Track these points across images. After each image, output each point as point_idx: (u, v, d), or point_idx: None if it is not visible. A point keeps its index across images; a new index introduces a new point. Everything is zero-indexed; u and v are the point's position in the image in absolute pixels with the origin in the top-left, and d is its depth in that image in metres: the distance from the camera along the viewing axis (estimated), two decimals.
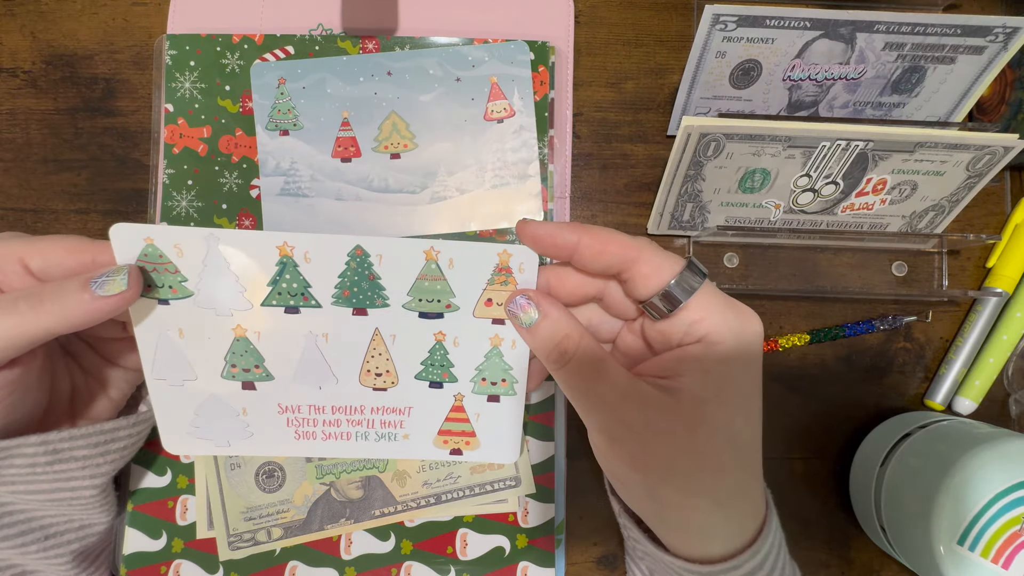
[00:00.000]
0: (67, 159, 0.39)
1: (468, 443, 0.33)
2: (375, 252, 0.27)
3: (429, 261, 0.28)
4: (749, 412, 0.25)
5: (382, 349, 0.30)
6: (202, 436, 0.32)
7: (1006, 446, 0.32)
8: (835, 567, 0.40)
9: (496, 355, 0.30)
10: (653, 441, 0.24)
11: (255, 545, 0.36)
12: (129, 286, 0.26)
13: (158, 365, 0.30)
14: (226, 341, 0.29)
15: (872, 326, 0.40)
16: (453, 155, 0.39)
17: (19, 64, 0.39)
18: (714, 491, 0.24)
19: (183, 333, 0.29)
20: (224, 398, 0.31)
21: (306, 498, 0.37)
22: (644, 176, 0.41)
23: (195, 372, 0.30)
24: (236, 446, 0.32)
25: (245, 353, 0.29)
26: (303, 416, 0.31)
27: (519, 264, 0.28)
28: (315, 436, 0.32)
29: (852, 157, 0.36)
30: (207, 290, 0.28)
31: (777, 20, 0.34)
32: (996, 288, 0.40)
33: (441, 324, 0.29)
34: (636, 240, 0.25)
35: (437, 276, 0.28)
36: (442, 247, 0.27)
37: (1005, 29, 0.34)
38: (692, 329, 0.25)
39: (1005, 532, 0.31)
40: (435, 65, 0.38)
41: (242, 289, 0.28)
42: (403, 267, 0.28)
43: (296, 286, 0.28)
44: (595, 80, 0.41)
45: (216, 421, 0.31)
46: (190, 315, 0.28)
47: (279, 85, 0.38)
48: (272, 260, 0.27)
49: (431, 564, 0.37)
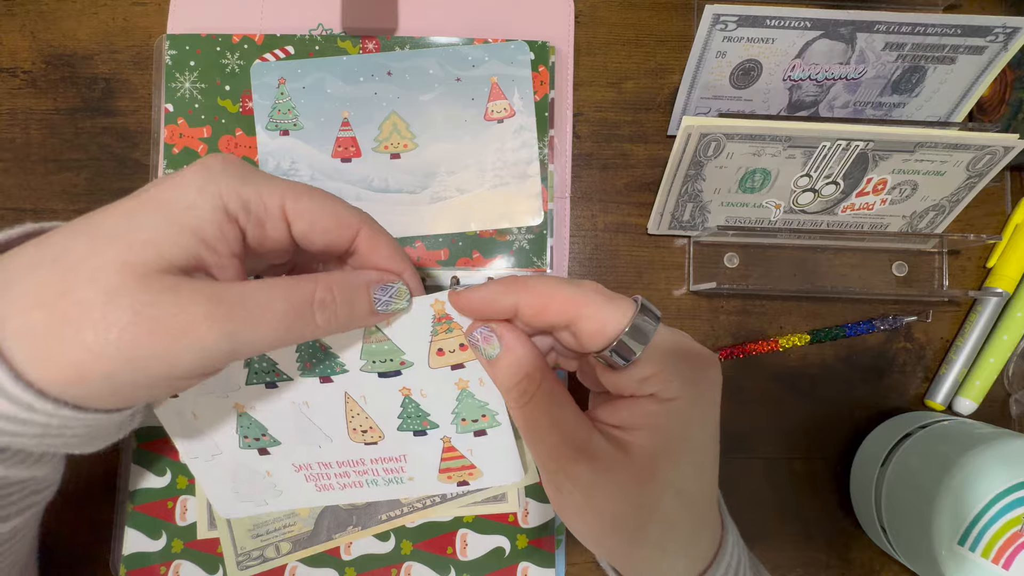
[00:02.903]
0: (67, 159, 0.39)
1: (471, 474, 0.33)
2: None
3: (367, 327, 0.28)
4: (702, 466, 0.24)
5: (358, 410, 0.31)
6: (244, 499, 0.34)
7: (1006, 446, 0.32)
8: (835, 567, 0.40)
9: (467, 396, 0.30)
10: (600, 497, 0.23)
11: (264, 562, 0.36)
12: (409, 307, 0.27)
13: (189, 446, 0.32)
14: (232, 418, 0.31)
15: (872, 326, 0.40)
16: (453, 155, 0.38)
17: (19, 64, 0.39)
18: (661, 544, 0.24)
19: (197, 416, 0.31)
20: (249, 465, 0.33)
21: (311, 509, 0.37)
22: (644, 176, 0.41)
23: (219, 447, 0.32)
24: (272, 504, 0.34)
25: (250, 425, 0.31)
26: (316, 472, 0.33)
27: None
28: (333, 487, 0.34)
29: (852, 157, 0.36)
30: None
31: (777, 20, 0.34)
32: (996, 288, 0.40)
33: (402, 380, 0.29)
34: (580, 291, 0.24)
35: (381, 338, 0.28)
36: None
37: (1005, 29, 0.34)
38: (644, 384, 0.24)
39: (1006, 532, 0.31)
40: (435, 65, 0.38)
41: (227, 374, 0.29)
42: (346, 334, 0.28)
43: (265, 364, 0.29)
44: (595, 80, 0.41)
45: (250, 485, 0.33)
46: (196, 400, 0.30)
47: (279, 85, 0.38)
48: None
49: (431, 564, 0.37)
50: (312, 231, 0.25)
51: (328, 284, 0.25)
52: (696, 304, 0.40)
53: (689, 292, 0.40)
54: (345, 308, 0.25)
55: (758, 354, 0.40)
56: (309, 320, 0.24)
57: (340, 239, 0.26)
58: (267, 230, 0.25)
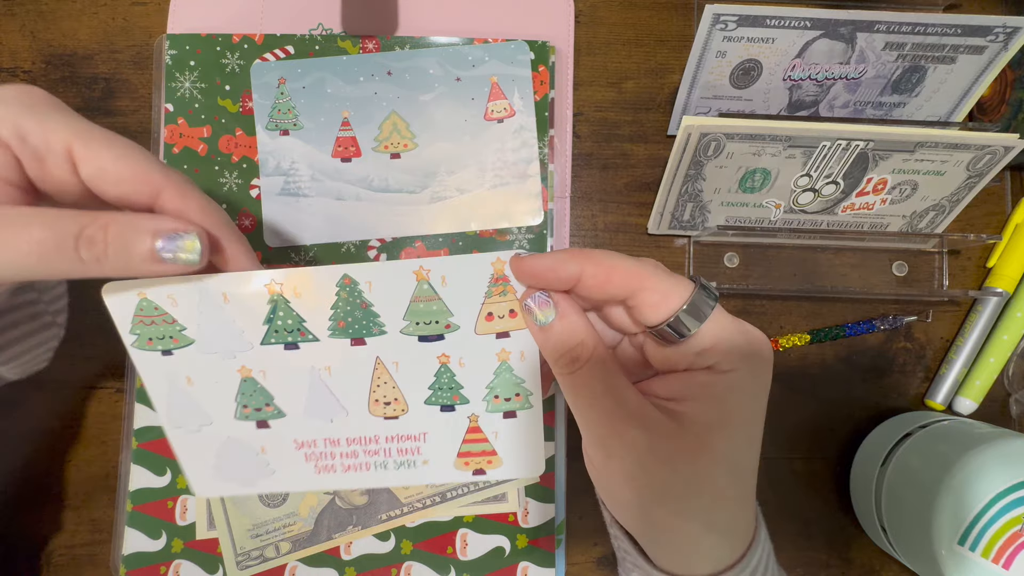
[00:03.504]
0: None
1: (490, 462, 0.31)
2: (363, 279, 0.27)
3: (420, 281, 0.27)
4: (752, 439, 0.25)
5: (387, 378, 0.29)
6: (227, 478, 0.32)
7: (1006, 446, 0.32)
8: (835, 567, 0.40)
9: (506, 370, 0.29)
10: (653, 464, 0.23)
11: (264, 562, 0.36)
12: (201, 261, 0.24)
13: (173, 414, 0.30)
14: (234, 383, 0.29)
15: (872, 326, 0.40)
16: (453, 155, 0.38)
17: (19, 64, 0.39)
18: (709, 517, 0.24)
19: (191, 380, 0.29)
20: (241, 439, 0.30)
21: (311, 509, 0.37)
22: (644, 176, 0.41)
23: (209, 417, 0.30)
24: (260, 484, 0.32)
25: (254, 393, 0.29)
26: (320, 450, 0.31)
27: None
28: (335, 469, 0.32)
29: (852, 157, 0.36)
30: (207, 336, 0.28)
31: (777, 20, 0.34)
32: (996, 288, 0.40)
33: (443, 346, 0.28)
34: (642, 265, 0.24)
35: (431, 296, 0.27)
36: (432, 264, 0.27)
37: (1005, 29, 0.34)
38: (702, 357, 0.24)
39: (1006, 532, 0.31)
40: (435, 65, 0.38)
41: (240, 331, 0.28)
42: (394, 291, 0.27)
43: (291, 322, 0.28)
44: (595, 80, 0.41)
45: (238, 462, 0.31)
46: (194, 362, 0.28)
47: (279, 85, 0.38)
48: (263, 299, 0.27)
49: (431, 564, 0.37)
50: (101, 178, 0.24)
51: (104, 222, 0.23)
52: None
53: None
54: (118, 248, 0.23)
55: None
56: (70, 253, 0.23)
57: (136, 194, 0.24)
58: (48, 167, 0.24)
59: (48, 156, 0.24)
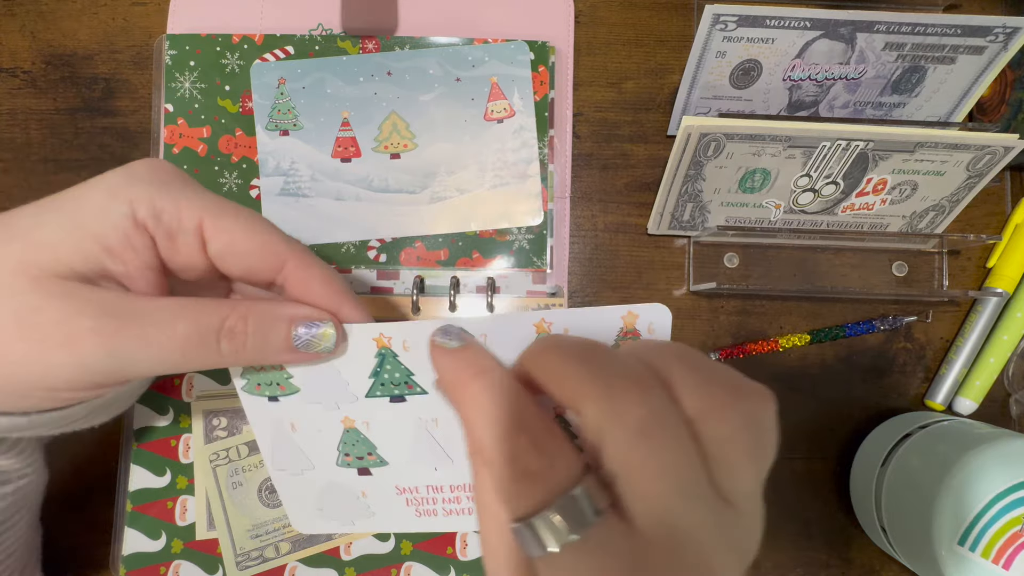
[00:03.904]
0: (67, 159, 0.39)
1: None
2: (479, 332, 0.25)
3: (540, 334, 0.24)
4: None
5: None
6: (327, 517, 0.32)
7: (1006, 446, 0.32)
8: (835, 567, 0.40)
9: None
10: None
11: (263, 562, 0.36)
12: (336, 347, 0.25)
13: (277, 458, 0.30)
14: (337, 432, 0.29)
15: (872, 326, 0.40)
16: (453, 155, 0.39)
17: (19, 64, 0.39)
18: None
19: (295, 427, 0.29)
20: (343, 484, 0.30)
21: None
22: (644, 176, 0.41)
23: (312, 462, 0.30)
24: (359, 524, 0.32)
25: (357, 443, 0.29)
26: (422, 496, 0.31)
27: (647, 325, 0.24)
28: (436, 513, 0.31)
29: (852, 157, 0.36)
30: (312, 386, 0.27)
31: (777, 20, 0.34)
32: (996, 288, 0.40)
33: None
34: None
35: None
36: (555, 317, 0.24)
37: (1005, 29, 0.34)
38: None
39: (1006, 532, 0.31)
40: (435, 65, 0.38)
41: (346, 383, 0.27)
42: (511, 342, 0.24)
43: (398, 375, 0.27)
44: (595, 80, 0.41)
45: (338, 504, 0.31)
46: (299, 410, 0.28)
47: (279, 85, 0.38)
48: (370, 353, 0.26)
49: (431, 564, 0.37)
50: (229, 253, 0.23)
51: (243, 312, 0.23)
52: (696, 304, 0.40)
53: (689, 292, 0.40)
54: (257, 340, 0.23)
55: (758, 354, 0.40)
56: (213, 348, 0.22)
57: (261, 267, 0.24)
58: (178, 244, 0.23)
59: (180, 234, 0.23)
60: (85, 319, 0.21)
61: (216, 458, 0.37)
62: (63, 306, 0.21)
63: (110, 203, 0.22)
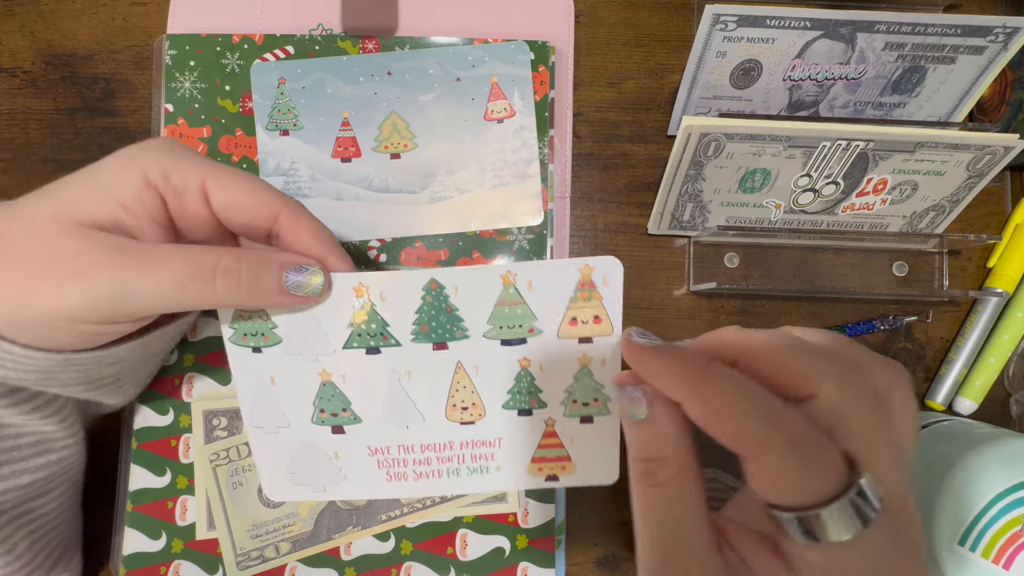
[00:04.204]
0: (67, 159, 0.39)
1: (564, 468, 0.31)
2: (450, 284, 0.27)
3: (507, 286, 0.27)
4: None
5: (466, 382, 0.29)
6: (299, 482, 0.32)
7: (1007, 446, 0.32)
8: None
9: (586, 375, 0.29)
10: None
11: (264, 562, 0.36)
12: (323, 291, 0.27)
13: (255, 414, 0.30)
14: (313, 386, 0.29)
15: (872, 326, 0.40)
16: (453, 155, 0.38)
17: (19, 64, 0.39)
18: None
19: (274, 380, 0.29)
20: (316, 443, 0.31)
21: (311, 509, 0.37)
22: (644, 176, 0.41)
23: (288, 419, 0.30)
24: (331, 491, 0.32)
25: (332, 397, 0.30)
26: (393, 457, 0.31)
27: (602, 277, 0.26)
28: (407, 477, 0.31)
29: (853, 157, 0.36)
30: (294, 336, 0.28)
31: (777, 20, 0.34)
32: (997, 288, 0.40)
33: (525, 350, 0.28)
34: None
35: (516, 300, 0.27)
36: (519, 269, 0.26)
37: (1005, 29, 0.34)
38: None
39: (1006, 532, 0.31)
40: (435, 65, 0.38)
41: (324, 333, 0.28)
42: (480, 295, 0.27)
43: (375, 327, 0.28)
44: (595, 80, 0.41)
45: (311, 466, 0.31)
46: (280, 362, 0.29)
47: (279, 85, 0.38)
48: (350, 299, 0.27)
49: (431, 564, 0.37)
50: (229, 207, 0.27)
51: (237, 254, 0.26)
52: (696, 304, 0.40)
53: (689, 292, 0.40)
54: (250, 278, 0.26)
55: None
56: (208, 282, 0.25)
57: (258, 219, 0.27)
58: (186, 202, 0.27)
59: (186, 192, 0.26)
60: (95, 254, 0.24)
61: (216, 458, 0.37)
62: (80, 245, 0.24)
63: (125, 166, 0.26)
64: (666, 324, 0.40)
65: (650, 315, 0.40)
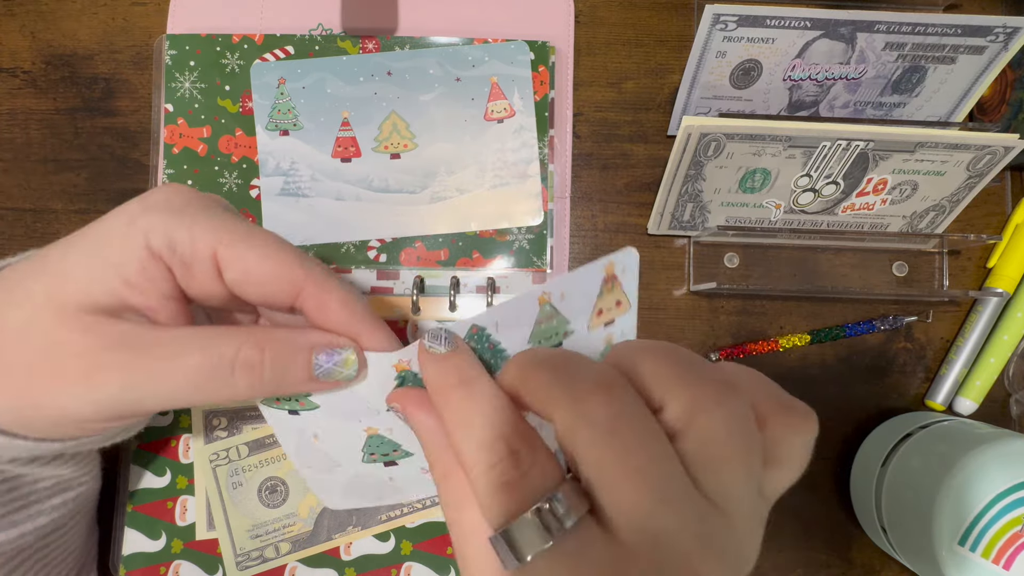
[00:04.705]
0: (67, 159, 0.39)
1: None
2: (490, 324, 0.25)
3: (543, 305, 0.25)
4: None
5: None
6: (358, 496, 0.32)
7: (1007, 446, 0.32)
8: (835, 567, 0.40)
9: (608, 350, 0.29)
10: None
11: (264, 563, 0.36)
12: (357, 376, 0.24)
13: (302, 459, 0.30)
14: (360, 439, 0.29)
15: (872, 326, 0.40)
16: (453, 155, 0.38)
17: (19, 64, 0.39)
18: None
19: (318, 438, 0.29)
20: (372, 473, 0.31)
21: (311, 509, 0.37)
22: (644, 176, 0.41)
23: (338, 462, 0.30)
24: (388, 498, 0.33)
25: (381, 444, 0.29)
26: None
27: (622, 267, 0.26)
28: None
29: (853, 157, 0.36)
30: (332, 404, 0.27)
31: (777, 20, 0.34)
32: (997, 288, 0.40)
33: None
34: None
35: (552, 315, 0.26)
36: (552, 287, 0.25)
37: (1005, 29, 0.34)
38: None
39: (1006, 533, 0.31)
40: (435, 65, 0.38)
41: (364, 401, 0.27)
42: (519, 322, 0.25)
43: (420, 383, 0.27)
44: (595, 80, 0.41)
45: (367, 488, 0.31)
46: (320, 424, 0.28)
47: (279, 85, 0.38)
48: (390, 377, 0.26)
49: (431, 565, 0.37)
50: (245, 282, 0.23)
51: (259, 342, 0.22)
52: (696, 304, 0.40)
53: (689, 292, 0.40)
54: (275, 372, 0.22)
55: (758, 354, 0.40)
56: (226, 380, 0.22)
57: (278, 294, 0.23)
58: (195, 273, 0.23)
59: (195, 264, 0.22)
60: (101, 355, 0.21)
61: (216, 458, 0.37)
62: (84, 341, 0.21)
63: (127, 234, 0.22)
64: (666, 324, 0.40)
65: (650, 315, 0.40)
